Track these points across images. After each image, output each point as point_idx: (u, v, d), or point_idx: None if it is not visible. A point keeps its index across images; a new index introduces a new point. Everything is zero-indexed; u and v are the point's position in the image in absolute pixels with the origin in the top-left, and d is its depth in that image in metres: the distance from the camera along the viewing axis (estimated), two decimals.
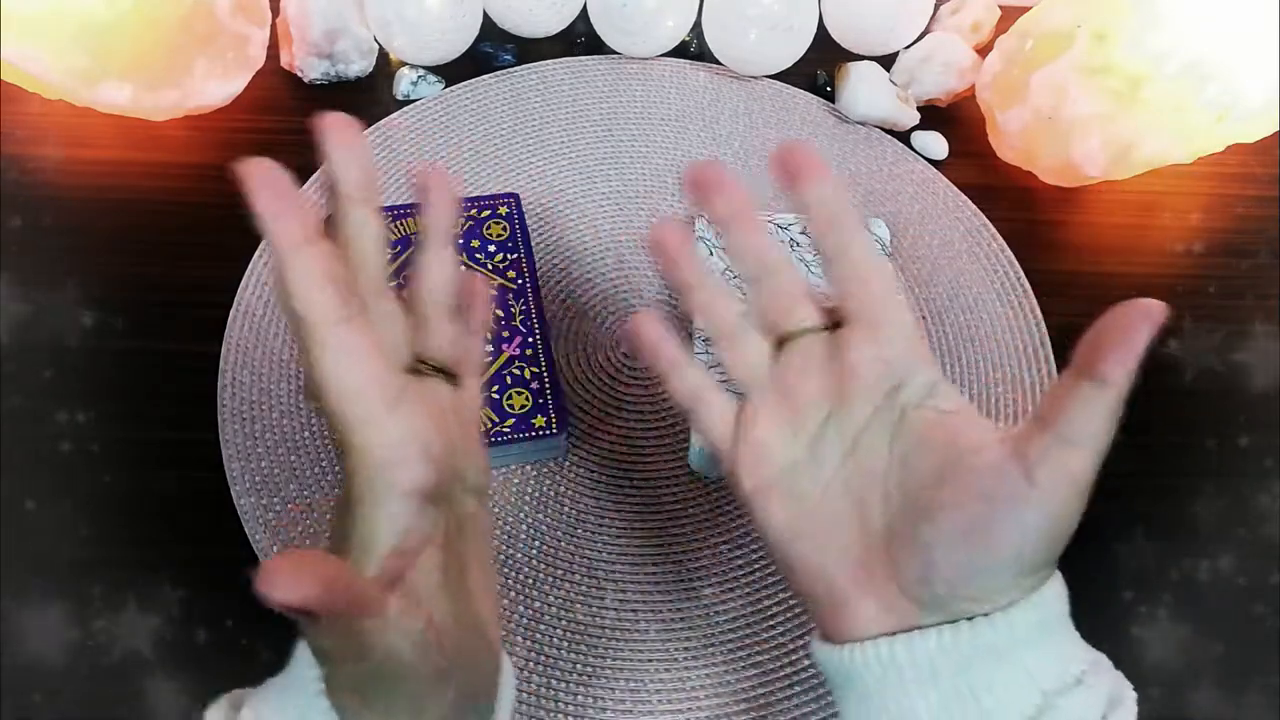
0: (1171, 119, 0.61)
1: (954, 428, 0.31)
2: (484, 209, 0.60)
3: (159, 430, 0.55)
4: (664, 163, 0.68)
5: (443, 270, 0.36)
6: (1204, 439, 0.58)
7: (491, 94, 0.70)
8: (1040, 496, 0.28)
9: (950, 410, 0.32)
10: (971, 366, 0.59)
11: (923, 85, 0.70)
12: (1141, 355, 0.27)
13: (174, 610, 0.49)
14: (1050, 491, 0.28)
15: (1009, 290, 0.63)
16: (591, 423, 0.56)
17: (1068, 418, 0.28)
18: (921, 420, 0.32)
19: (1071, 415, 0.28)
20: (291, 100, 0.69)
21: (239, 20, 0.64)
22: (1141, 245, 0.66)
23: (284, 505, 0.52)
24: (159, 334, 0.58)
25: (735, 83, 0.72)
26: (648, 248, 0.35)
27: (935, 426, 0.31)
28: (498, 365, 0.54)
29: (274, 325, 0.59)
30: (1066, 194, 0.67)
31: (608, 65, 0.73)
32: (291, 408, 0.55)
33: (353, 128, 0.32)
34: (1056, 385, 0.29)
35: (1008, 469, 0.29)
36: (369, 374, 0.30)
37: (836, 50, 0.73)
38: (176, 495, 0.53)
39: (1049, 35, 0.62)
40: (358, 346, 0.30)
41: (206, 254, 0.61)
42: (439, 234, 0.37)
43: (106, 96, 0.62)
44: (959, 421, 0.31)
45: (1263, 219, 0.67)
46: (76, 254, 0.61)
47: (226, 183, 0.31)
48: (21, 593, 0.49)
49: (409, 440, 0.30)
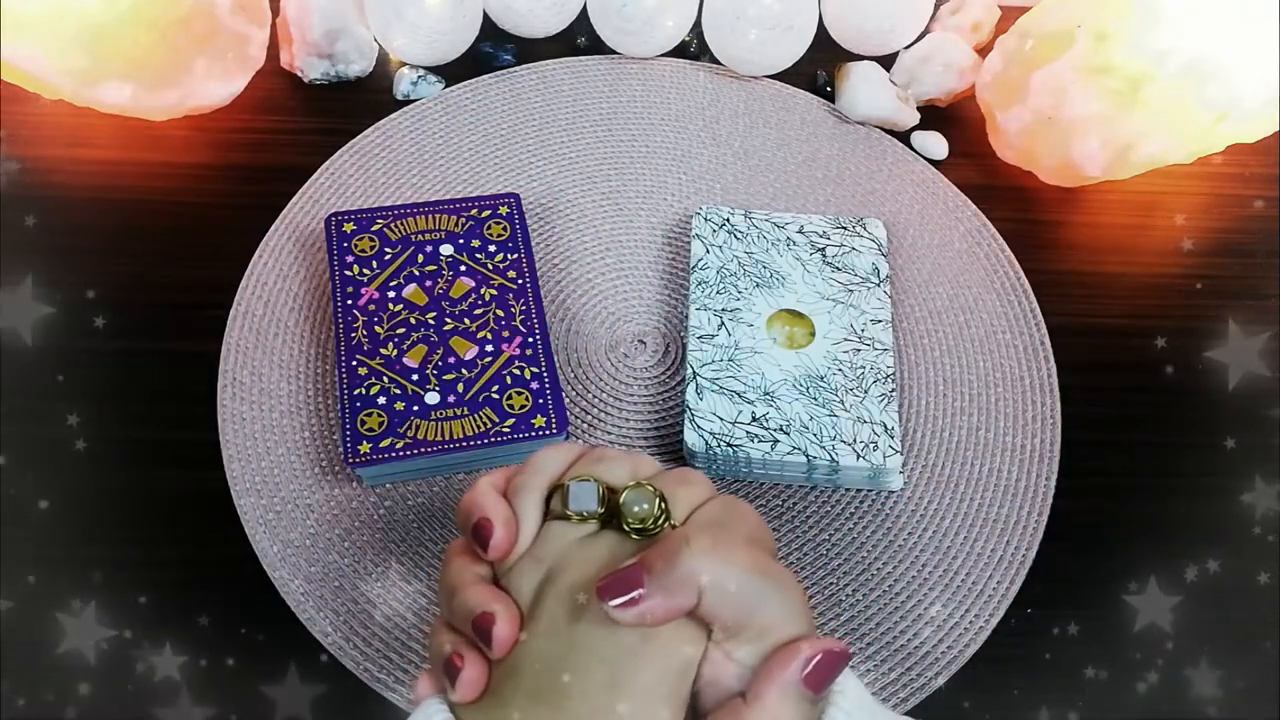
0: (1171, 119, 0.61)
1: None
2: (484, 209, 0.60)
3: (159, 430, 0.55)
4: (664, 163, 0.68)
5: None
6: (1205, 438, 0.58)
7: (491, 94, 0.70)
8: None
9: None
10: (971, 366, 0.59)
11: (923, 85, 0.70)
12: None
13: (174, 610, 0.49)
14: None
15: (1009, 290, 0.63)
16: (591, 422, 0.56)
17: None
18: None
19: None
20: (291, 100, 0.69)
21: (239, 20, 0.64)
22: (1141, 245, 0.66)
23: (284, 505, 0.52)
24: (159, 334, 0.58)
25: (735, 83, 0.72)
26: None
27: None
28: (498, 365, 0.54)
29: (274, 325, 0.59)
30: (1066, 194, 0.67)
31: (608, 65, 0.73)
32: (291, 408, 0.56)
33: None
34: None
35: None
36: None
37: (836, 50, 0.73)
38: (176, 495, 0.53)
39: (1049, 35, 0.62)
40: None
41: (206, 254, 0.61)
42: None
43: (106, 96, 0.62)
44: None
45: (1262, 219, 0.67)
46: (76, 254, 0.61)
47: (226, 183, 0.31)
48: (22, 593, 0.49)
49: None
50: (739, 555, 0.32)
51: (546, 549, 0.34)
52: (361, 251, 0.58)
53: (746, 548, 0.33)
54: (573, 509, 0.34)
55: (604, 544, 0.34)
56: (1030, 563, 0.53)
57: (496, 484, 0.36)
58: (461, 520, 0.35)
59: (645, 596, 0.31)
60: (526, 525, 0.35)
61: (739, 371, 0.55)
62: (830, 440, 0.52)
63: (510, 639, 0.32)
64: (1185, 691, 0.50)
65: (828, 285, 0.59)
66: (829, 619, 0.51)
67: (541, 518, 0.35)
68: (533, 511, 0.35)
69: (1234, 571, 0.53)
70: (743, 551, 0.32)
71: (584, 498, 0.34)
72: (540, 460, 0.36)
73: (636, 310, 0.61)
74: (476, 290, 0.56)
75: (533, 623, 0.33)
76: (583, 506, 0.34)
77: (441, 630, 0.34)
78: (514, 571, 0.34)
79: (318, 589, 0.50)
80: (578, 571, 0.33)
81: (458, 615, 0.33)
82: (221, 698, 0.47)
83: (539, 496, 0.35)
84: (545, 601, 0.33)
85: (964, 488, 0.55)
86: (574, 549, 0.34)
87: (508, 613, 0.32)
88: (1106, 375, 0.60)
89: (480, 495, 0.35)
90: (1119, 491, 0.56)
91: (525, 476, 0.36)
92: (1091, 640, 0.51)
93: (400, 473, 0.53)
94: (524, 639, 0.32)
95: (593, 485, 0.34)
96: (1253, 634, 0.52)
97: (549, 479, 0.36)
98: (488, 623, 0.32)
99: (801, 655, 0.31)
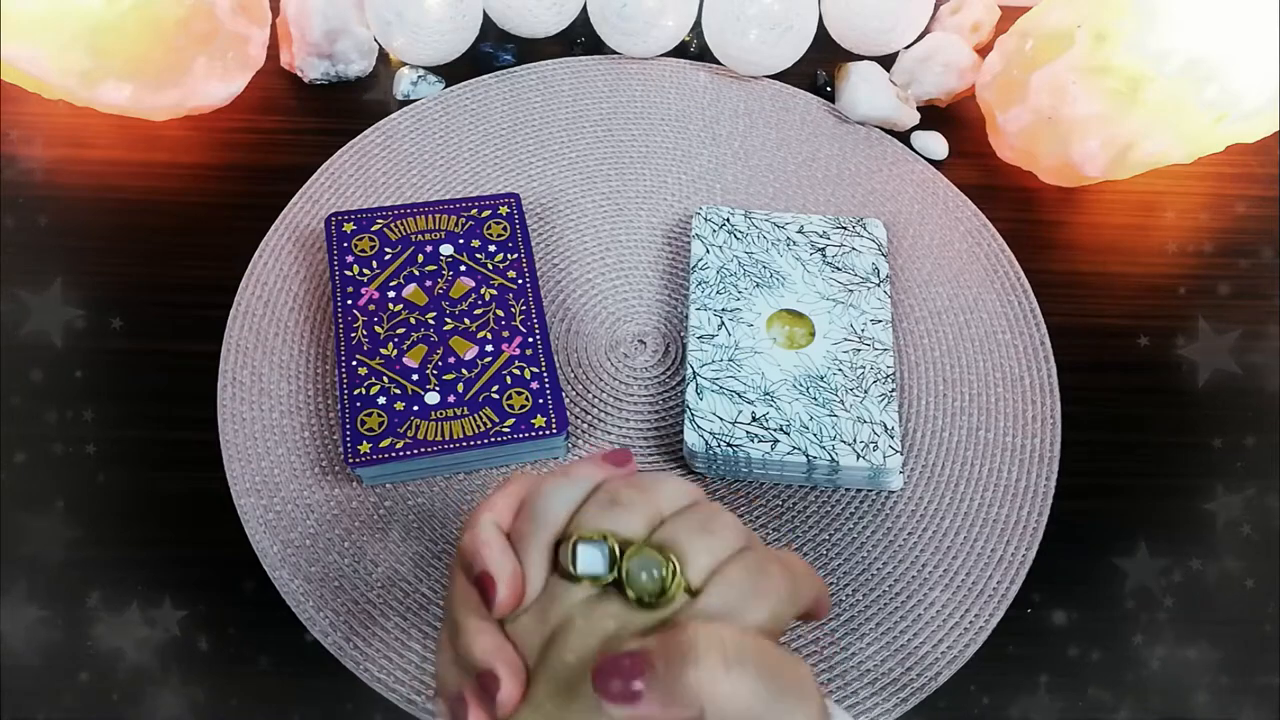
0: (1171, 119, 0.61)
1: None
2: (484, 209, 0.60)
3: (159, 430, 0.55)
4: (664, 163, 0.68)
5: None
6: (1205, 439, 0.58)
7: (491, 94, 0.70)
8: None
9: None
10: (971, 366, 0.59)
11: (923, 85, 0.70)
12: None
13: (173, 610, 0.49)
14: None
15: (1009, 290, 0.63)
16: (591, 422, 0.56)
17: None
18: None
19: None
20: (291, 100, 0.69)
21: (239, 20, 0.64)
22: (1141, 245, 0.66)
23: (284, 505, 0.52)
24: (159, 334, 0.58)
25: (735, 83, 0.72)
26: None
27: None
28: (498, 365, 0.54)
29: (274, 325, 0.59)
30: (1066, 194, 0.67)
31: (608, 65, 0.73)
32: (291, 408, 0.56)
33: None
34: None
35: None
36: None
37: (836, 50, 0.73)
38: (176, 495, 0.53)
39: (1049, 35, 0.62)
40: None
41: (206, 254, 0.61)
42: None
43: (106, 96, 0.62)
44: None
45: (1263, 219, 0.67)
46: (76, 254, 0.61)
47: (226, 183, 0.31)
48: (22, 594, 0.49)
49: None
50: (752, 671, 0.29)
51: (552, 610, 0.32)
52: (361, 251, 0.58)
53: (763, 651, 0.30)
54: (580, 573, 0.31)
55: (611, 612, 0.31)
56: (1030, 563, 0.53)
57: (500, 520, 0.34)
58: (463, 564, 0.33)
59: (644, 700, 0.28)
60: (533, 580, 0.32)
61: (739, 371, 0.55)
62: (830, 440, 0.52)
63: (515, 703, 0.31)
64: (1185, 691, 0.50)
65: (828, 285, 0.59)
66: (829, 619, 0.51)
67: (548, 569, 0.32)
68: (538, 566, 0.32)
69: (1234, 571, 0.53)
70: (756, 664, 0.29)
71: (591, 563, 0.31)
72: (547, 503, 0.33)
73: (636, 310, 0.61)
74: (476, 290, 0.56)
75: (533, 687, 0.31)
76: (590, 571, 0.31)
77: (446, 663, 0.33)
78: (519, 624, 0.32)
79: (318, 589, 0.50)
80: (580, 642, 0.31)
81: (462, 656, 0.32)
82: (221, 697, 0.47)
83: (546, 548, 0.33)
84: (546, 667, 0.31)
85: (964, 488, 0.55)
86: (580, 610, 0.31)
87: (513, 677, 0.31)
88: (1106, 375, 0.60)
89: (482, 544, 0.33)
90: (1119, 491, 0.56)
91: (530, 523, 0.33)
92: (1091, 640, 0.51)
93: (400, 473, 0.53)
94: (528, 699, 0.31)
95: (601, 548, 0.31)
96: (1253, 633, 0.52)
97: (556, 528, 0.33)
98: (493, 685, 0.31)
99: None
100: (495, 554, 0.32)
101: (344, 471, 0.53)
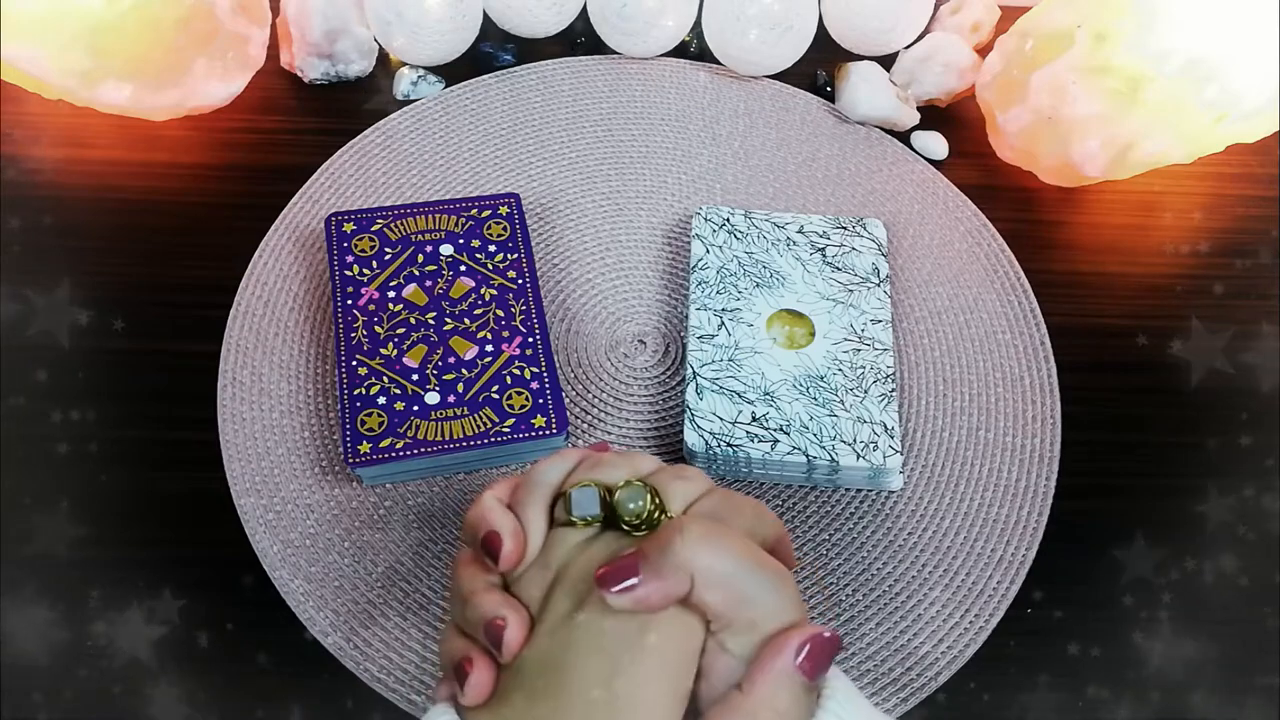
0: (1171, 119, 0.61)
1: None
2: (484, 209, 0.60)
3: (159, 430, 0.55)
4: (664, 163, 0.68)
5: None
6: (1205, 439, 0.58)
7: (491, 94, 0.70)
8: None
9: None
10: (971, 366, 0.59)
11: (923, 85, 0.70)
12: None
13: (174, 610, 0.49)
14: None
15: (1009, 290, 0.63)
16: (591, 422, 0.56)
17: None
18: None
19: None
20: (291, 100, 0.69)
21: (239, 20, 0.64)
22: (1141, 245, 0.66)
23: (284, 505, 0.52)
24: (159, 334, 0.58)
25: (735, 83, 0.72)
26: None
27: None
28: (498, 365, 0.54)
29: (274, 325, 0.59)
30: (1066, 194, 0.67)
31: (608, 65, 0.73)
32: (291, 408, 0.56)
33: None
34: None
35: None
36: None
37: (836, 50, 0.73)
38: (176, 495, 0.53)
39: (1049, 35, 0.62)
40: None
41: (206, 254, 0.61)
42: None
43: (106, 96, 0.62)
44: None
45: (1263, 219, 0.67)
46: (76, 254, 0.61)
47: (226, 183, 0.31)
48: (22, 593, 0.49)
49: None
50: (731, 544, 0.33)
51: (553, 555, 0.35)
52: (361, 251, 0.58)
53: (740, 538, 0.34)
54: (576, 515, 0.35)
55: (606, 543, 0.35)
56: (1030, 563, 0.53)
57: (500, 496, 0.37)
58: (468, 534, 0.36)
59: (641, 583, 0.32)
60: (534, 535, 0.36)
61: (739, 371, 0.55)
62: (830, 440, 0.52)
63: (520, 642, 0.33)
64: (1186, 691, 0.50)
65: (828, 285, 0.59)
66: (829, 619, 0.51)
67: (547, 526, 0.36)
68: (538, 521, 0.36)
69: (1235, 571, 0.53)
70: (736, 541, 0.33)
71: (586, 503, 0.35)
72: (542, 471, 0.37)
73: (636, 310, 0.61)
74: (476, 290, 0.56)
75: (540, 624, 0.33)
76: (585, 512, 0.35)
77: (452, 636, 0.35)
78: (523, 579, 0.35)
79: (318, 589, 0.50)
80: (581, 570, 0.34)
81: (470, 622, 0.34)
82: (220, 697, 0.47)
83: (543, 506, 0.36)
84: (551, 602, 0.34)
85: (964, 488, 0.55)
86: (578, 551, 0.35)
87: (518, 618, 0.33)
88: (1106, 375, 0.60)
89: (486, 509, 0.36)
90: (1119, 491, 0.56)
91: (528, 488, 0.37)
92: (1091, 640, 0.51)
93: (400, 473, 0.53)
94: (530, 641, 0.33)
95: (593, 490, 0.35)
96: (1252, 632, 0.51)
97: (552, 488, 0.37)
98: (499, 628, 0.33)
99: (794, 643, 0.32)
100: (499, 515, 0.36)
101: (344, 471, 0.53)
